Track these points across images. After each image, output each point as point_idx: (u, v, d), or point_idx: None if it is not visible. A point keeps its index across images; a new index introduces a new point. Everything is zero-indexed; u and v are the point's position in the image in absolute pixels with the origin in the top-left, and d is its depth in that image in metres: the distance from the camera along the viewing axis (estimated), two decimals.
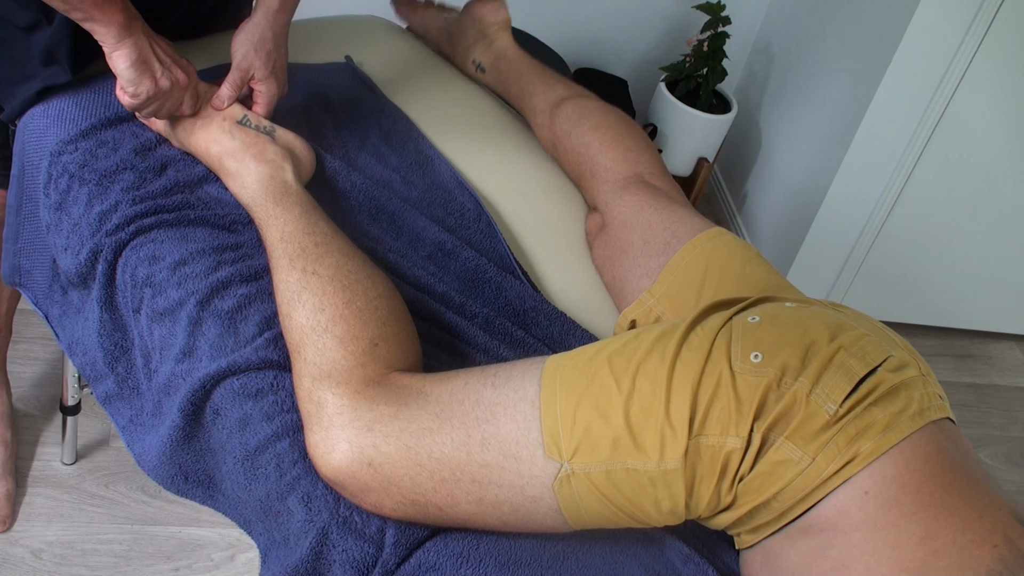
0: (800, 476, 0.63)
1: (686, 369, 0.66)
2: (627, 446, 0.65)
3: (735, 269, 0.90)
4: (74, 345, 0.96)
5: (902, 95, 1.67)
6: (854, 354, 0.66)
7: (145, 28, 0.87)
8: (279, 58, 0.98)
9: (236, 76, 0.96)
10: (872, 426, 0.63)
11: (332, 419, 0.72)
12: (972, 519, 0.60)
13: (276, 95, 0.99)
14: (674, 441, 0.64)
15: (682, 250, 0.93)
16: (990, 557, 0.58)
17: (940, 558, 0.59)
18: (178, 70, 0.90)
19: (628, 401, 0.66)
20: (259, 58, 0.96)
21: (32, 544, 1.31)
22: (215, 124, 0.95)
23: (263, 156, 0.92)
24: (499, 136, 1.23)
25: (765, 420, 0.64)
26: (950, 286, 1.98)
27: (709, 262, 0.91)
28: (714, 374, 0.65)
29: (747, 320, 0.69)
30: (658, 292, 0.94)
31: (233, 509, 0.84)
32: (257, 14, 0.96)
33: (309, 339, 0.76)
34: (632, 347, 0.70)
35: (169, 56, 0.90)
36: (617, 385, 0.67)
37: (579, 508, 0.68)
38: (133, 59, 0.85)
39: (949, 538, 0.59)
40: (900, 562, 0.60)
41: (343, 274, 0.80)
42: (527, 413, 0.69)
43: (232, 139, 0.94)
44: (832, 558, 0.62)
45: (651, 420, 0.65)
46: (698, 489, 0.66)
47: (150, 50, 0.87)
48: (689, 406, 0.65)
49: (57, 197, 0.95)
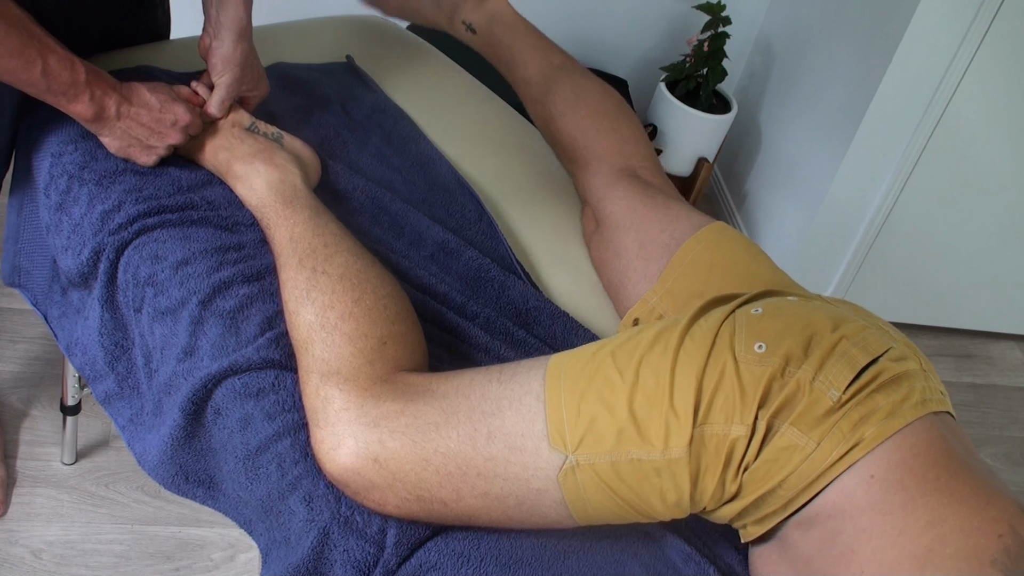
0: (805, 462, 0.63)
1: (690, 359, 0.66)
2: (631, 436, 0.66)
3: (742, 265, 0.91)
4: (73, 345, 0.96)
5: (902, 95, 1.67)
6: (856, 343, 0.67)
7: (124, 105, 0.88)
8: (259, 64, 1.01)
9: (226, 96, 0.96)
10: (876, 412, 0.64)
11: (339, 415, 0.72)
12: (978, 506, 0.60)
13: (266, 95, 1.04)
14: (679, 430, 0.65)
15: (685, 246, 0.93)
16: (995, 546, 0.58)
17: (946, 544, 0.59)
18: (169, 133, 0.91)
19: (632, 392, 0.66)
20: (247, 75, 0.98)
21: (32, 544, 1.31)
22: (224, 131, 0.97)
23: (272, 161, 0.93)
24: (500, 136, 1.23)
25: (770, 408, 0.64)
26: (950, 286, 1.98)
27: (715, 257, 0.92)
28: (718, 363, 0.65)
29: (750, 312, 0.69)
30: (661, 290, 0.93)
31: (234, 509, 0.83)
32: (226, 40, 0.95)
33: (318, 336, 0.76)
34: (635, 341, 0.70)
35: (156, 120, 0.90)
36: (621, 377, 0.68)
37: (584, 500, 0.69)
38: (117, 147, 0.92)
39: (955, 524, 0.60)
40: (906, 547, 0.60)
41: (352, 273, 0.80)
42: (532, 406, 0.69)
43: (242, 144, 0.95)
44: (841, 543, 0.62)
45: (655, 409, 0.65)
46: (703, 479, 0.66)
47: (132, 131, 0.90)
48: (694, 395, 0.65)
49: (57, 198, 0.95)
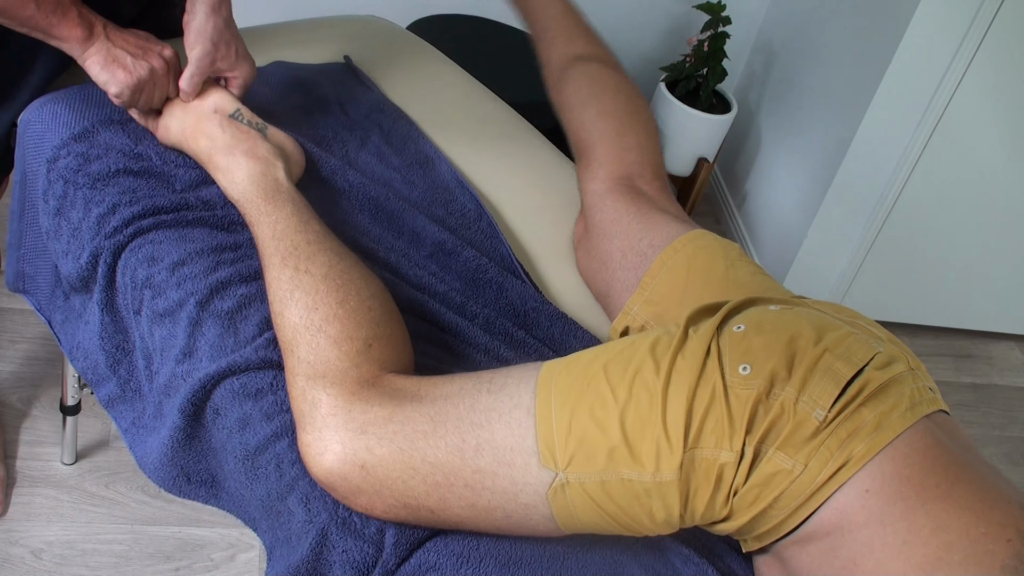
0: (793, 484, 0.63)
1: (681, 379, 0.66)
2: (623, 456, 0.65)
3: (718, 273, 0.89)
4: (75, 350, 0.96)
5: (902, 95, 1.67)
6: (840, 356, 0.66)
7: (110, 28, 0.90)
8: (240, 43, 0.98)
9: (195, 71, 0.94)
10: (863, 427, 0.63)
11: (326, 420, 0.71)
12: (983, 512, 0.59)
13: (252, 77, 0.99)
14: (670, 453, 0.64)
15: (662, 255, 0.92)
16: (1005, 551, 0.57)
17: (953, 551, 0.58)
18: (153, 56, 0.92)
19: (624, 411, 0.66)
20: (221, 50, 0.95)
21: (32, 544, 1.31)
22: (206, 118, 0.93)
23: (254, 153, 0.90)
24: (500, 136, 1.23)
25: (756, 433, 0.63)
26: (950, 286, 1.98)
27: (690, 266, 0.90)
28: (708, 386, 0.65)
29: (732, 330, 0.68)
30: (639, 300, 0.93)
31: (238, 507, 0.83)
32: (199, 12, 0.94)
33: (303, 338, 0.75)
34: (627, 355, 0.69)
35: (140, 46, 0.91)
36: (613, 394, 0.67)
37: (572, 516, 0.68)
38: (102, 62, 0.90)
39: (961, 531, 0.59)
40: (912, 557, 0.59)
41: (336, 273, 0.79)
42: (522, 420, 0.68)
43: (223, 133, 0.91)
44: (842, 557, 0.62)
45: (647, 431, 0.65)
46: (693, 500, 0.65)
47: (118, 48, 0.90)
48: (684, 418, 0.64)
49: (55, 203, 0.95)
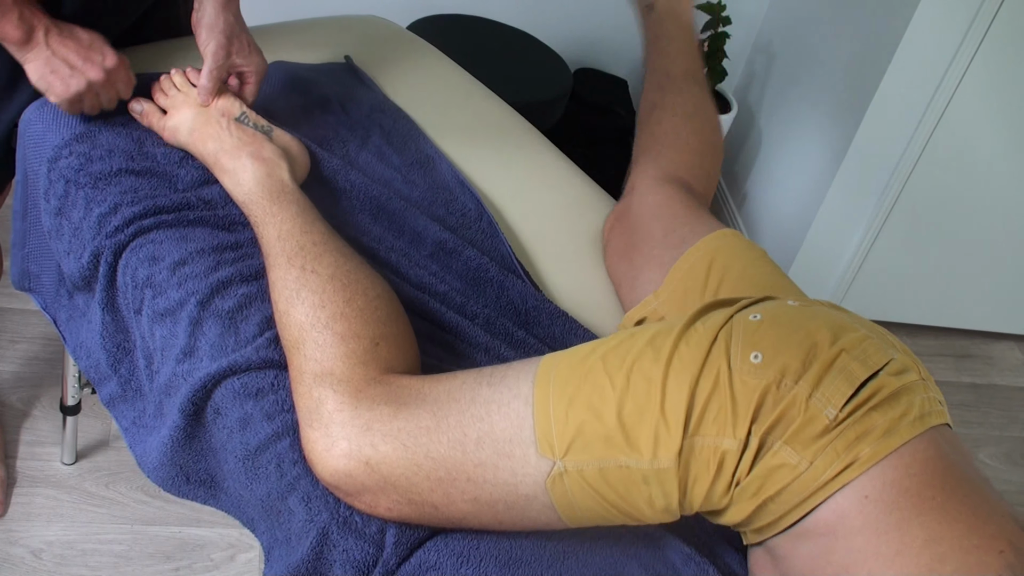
0: (797, 480, 0.63)
1: (683, 366, 0.65)
2: (620, 443, 0.65)
3: (738, 270, 0.90)
4: (79, 348, 0.96)
5: (902, 95, 1.67)
6: (856, 357, 0.65)
7: (53, 34, 0.90)
8: (250, 37, 0.99)
9: (213, 66, 0.95)
10: (872, 431, 0.62)
11: (332, 416, 0.71)
12: (976, 524, 0.60)
13: (265, 70, 1.01)
14: (668, 439, 0.64)
15: (688, 251, 0.93)
16: (997, 563, 0.57)
17: (946, 563, 0.58)
18: (92, 67, 0.92)
19: (622, 399, 0.66)
20: (235, 44, 0.96)
21: (32, 544, 1.31)
22: (213, 121, 0.95)
23: (260, 155, 0.91)
24: (500, 136, 1.23)
25: (763, 423, 0.63)
26: (950, 286, 1.98)
27: (712, 263, 0.91)
28: (712, 373, 0.65)
29: (748, 318, 0.68)
30: (663, 294, 0.93)
31: (236, 507, 0.83)
32: (208, 9, 0.95)
33: (309, 336, 0.75)
34: (627, 345, 0.69)
35: (82, 55, 0.92)
36: (611, 382, 0.67)
37: (572, 505, 0.68)
38: (39, 70, 0.91)
39: (954, 543, 0.59)
40: (905, 568, 0.59)
41: (343, 273, 0.80)
42: (520, 411, 0.69)
43: (229, 136, 0.93)
44: (835, 563, 0.62)
45: (646, 417, 0.65)
46: (692, 488, 0.65)
47: (58, 57, 0.91)
48: (685, 404, 0.64)
49: (56, 202, 0.95)
